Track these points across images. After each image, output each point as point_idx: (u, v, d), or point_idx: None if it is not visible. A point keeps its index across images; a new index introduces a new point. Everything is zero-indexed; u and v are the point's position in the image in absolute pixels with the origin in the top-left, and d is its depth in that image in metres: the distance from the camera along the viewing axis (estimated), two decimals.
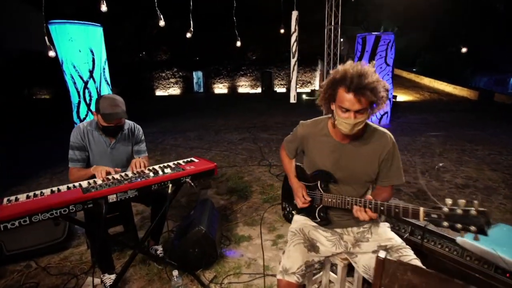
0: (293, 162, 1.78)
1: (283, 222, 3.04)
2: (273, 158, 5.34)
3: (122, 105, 2.00)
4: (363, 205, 1.33)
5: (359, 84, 1.26)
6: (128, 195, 1.61)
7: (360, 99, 1.28)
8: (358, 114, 1.32)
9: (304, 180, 1.67)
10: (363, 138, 1.48)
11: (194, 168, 1.88)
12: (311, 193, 1.61)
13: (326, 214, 1.57)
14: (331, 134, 1.54)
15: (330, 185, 1.56)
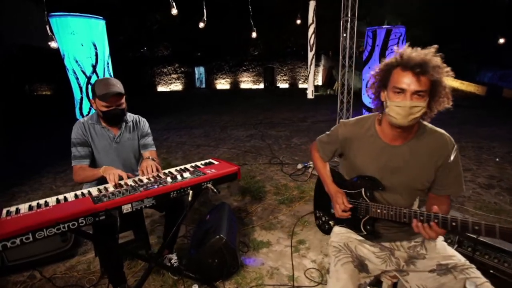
0: (327, 166, 1.57)
1: (303, 226, 2.85)
2: (284, 156, 5.13)
3: (118, 83, 1.86)
4: (426, 219, 1.12)
5: (419, 61, 1.10)
6: (145, 204, 1.41)
7: (419, 78, 1.11)
8: (416, 96, 1.12)
9: (343, 187, 1.46)
10: (418, 139, 1.27)
11: (216, 171, 1.68)
12: (353, 201, 1.41)
13: (373, 226, 1.36)
14: (379, 135, 1.33)
15: (376, 193, 1.36)
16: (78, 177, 1.84)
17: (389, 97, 1.17)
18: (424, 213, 1.12)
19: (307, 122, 8.68)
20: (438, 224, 1.08)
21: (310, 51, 3.65)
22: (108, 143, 1.96)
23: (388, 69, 1.22)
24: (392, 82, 1.17)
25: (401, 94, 1.13)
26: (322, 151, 1.54)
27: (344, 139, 1.42)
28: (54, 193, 3.79)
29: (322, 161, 1.56)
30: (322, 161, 1.56)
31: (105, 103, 1.81)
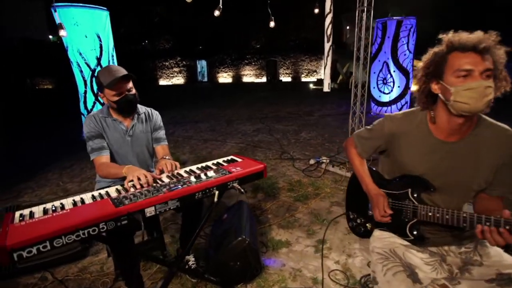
0: (365, 164, 1.44)
1: (321, 225, 2.74)
2: (294, 151, 5.00)
3: (121, 68, 1.74)
4: (494, 224, 0.99)
5: (478, 40, 1.00)
6: (169, 207, 1.29)
7: (483, 56, 1.00)
8: (485, 76, 1.00)
9: (383, 187, 1.34)
10: (476, 135, 1.14)
11: (241, 170, 1.55)
12: (396, 203, 1.28)
13: (420, 230, 1.24)
14: (432, 132, 1.20)
15: (424, 194, 1.23)
16: (101, 172, 1.73)
17: (451, 83, 1.03)
18: (491, 218, 0.99)
19: (314, 116, 8.53)
20: (510, 231, 0.95)
21: (327, 42, 3.48)
22: (121, 137, 1.85)
23: (441, 56, 1.09)
24: (453, 67, 1.04)
25: (468, 77, 1.00)
26: (361, 147, 1.41)
27: (390, 135, 1.28)
28: (61, 189, 3.69)
29: (360, 158, 1.43)
30: (360, 158, 1.43)
31: (114, 91, 1.70)
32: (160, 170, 1.59)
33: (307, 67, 28.46)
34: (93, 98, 5.91)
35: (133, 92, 1.78)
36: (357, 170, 1.42)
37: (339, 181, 3.68)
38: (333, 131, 6.43)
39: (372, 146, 1.37)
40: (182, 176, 1.51)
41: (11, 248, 0.94)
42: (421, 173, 1.22)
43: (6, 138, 6.71)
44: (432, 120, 1.20)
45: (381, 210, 1.23)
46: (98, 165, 1.72)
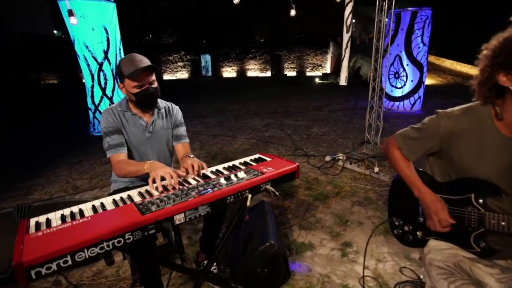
0: (413, 166, 1.28)
1: (345, 226, 2.60)
2: (307, 147, 4.85)
3: (145, 58, 1.60)
4: None
5: None
6: (199, 213, 1.15)
7: None
8: None
9: (438, 192, 1.18)
10: None
11: (274, 170, 1.41)
12: (456, 210, 1.13)
13: (487, 242, 1.09)
14: (499, 128, 1.04)
15: (491, 199, 1.08)
16: (119, 171, 1.57)
17: None
18: None
19: (323, 111, 8.35)
20: None
21: (347, 32, 3.31)
22: (140, 133, 1.71)
23: None
24: None
25: None
26: (407, 148, 1.25)
27: (447, 134, 1.12)
28: (71, 186, 3.58)
29: (406, 160, 1.27)
30: (406, 161, 1.27)
31: (136, 82, 1.55)
32: (186, 169, 1.45)
33: (312, 61, 28.10)
34: (101, 93, 5.79)
35: (155, 85, 1.63)
36: (405, 173, 1.27)
37: (358, 179, 3.53)
38: (345, 127, 6.26)
39: (422, 147, 1.21)
40: (210, 178, 1.37)
41: (29, 265, 0.81)
42: (485, 175, 1.07)
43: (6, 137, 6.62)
44: (499, 116, 1.04)
45: (443, 219, 1.08)
46: (116, 163, 1.57)
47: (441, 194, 1.18)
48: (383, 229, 2.51)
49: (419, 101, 7.86)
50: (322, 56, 27.88)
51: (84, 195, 3.36)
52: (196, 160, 1.49)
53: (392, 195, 1.43)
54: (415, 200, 1.24)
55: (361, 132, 5.68)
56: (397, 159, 1.30)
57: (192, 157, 1.62)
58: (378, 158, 4.08)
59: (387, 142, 1.34)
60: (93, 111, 5.91)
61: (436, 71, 17.69)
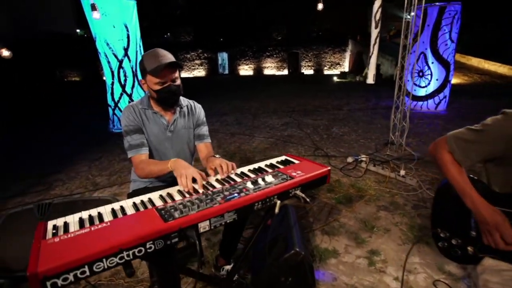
0: (465, 173, 1.14)
1: (371, 232, 2.45)
2: (328, 148, 4.69)
3: (169, 54, 1.52)
4: None
5: None
6: (225, 220, 1.06)
7: None
8: None
9: (495, 204, 1.04)
10: None
11: (303, 174, 1.30)
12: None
13: None
14: None
15: None
16: (141, 172, 1.50)
17: None
18: None
19: (343, 110, 8.12)
20: None
21: (375, 28, 3.14)
22: (161, 132, 1.64)
23: None
24: None
25: None
26: (461, 152, 1.10)
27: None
28: (90, 183, 3.60)
29: (458, 165, 1.13)
30: (458, 166, 1.13)
31: (158, 79, 1.48)
32: (213, 170, 1.37)
33: (330, 59, 27.59)
34: (120, 90, 5.84)
35: (178, 83, 1.56)
36: (455, 180, 1.12)
37: (382, 182, 3.36)
38: (366, 127, 6.04)
39: (481, 152, 1.07)
40: (235, 181, 1.28)
41: (44, 275, 0.75)
42: None
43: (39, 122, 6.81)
44: None
45: (509, 235, 0.94)
46: (137, 164, 1.51)
47: (499, 207, 1.04)
48: (412, 237, 2.36)
49: (445, 101, 7.49)
50: (341, 54, 27.33)
51: (103, 191, 3.36)
52: (225, 161, 1.40)
53: (438, 203, 1.29)
54: (466, 211, 1.10)
55: (383, 133, 5.46)
56: (447, 164, 1.15)
57: (218, 156, 1.53)
58: (403, 160, 3.88)
59: (436, 144, 1.20)
60: (112, 108, 5.97)
61: (462, 70, 16.93)
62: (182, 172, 1.23)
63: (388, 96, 10.55)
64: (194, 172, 1.23)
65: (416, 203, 2.90)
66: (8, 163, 4.51)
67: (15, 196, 3.31)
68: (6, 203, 3.18)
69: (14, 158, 4.78)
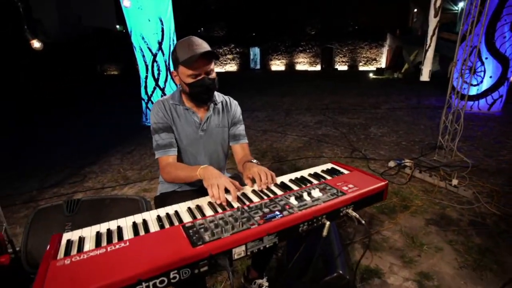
0: None
1: (420, 250, 2.15)
2: (366, 149, 4.35)
3: (205, 43, 1.34)
4: None
5: None
6: (264, 245, 0.87)
7: None
8: None
9: None
10: None
11: (357, 189, 1.08)
12: None
13: None
14: None
15: None
16: (167, 176, 1.36)
17: None
18: None
19: (381, 109, 7.61)
20: None
21: (435, 16, 2.77)
22: (193, 130, 1.48)
23: None
24: None
25: None
26: None
27: None
28: (121, 176, 3.60)
29: None
30: None
31: (191, 71, 1.31)
32: (250, 179, 1.19)
33: (366, 54, 26.42)
34: (154, 84, 5.87)
35: (213, 76, 1.39)
36: None
37: (431, 192, 3.00)
38: (408, 128, 5.57)
39: None
40: (275, 194, 1.09)
41: None
42: None
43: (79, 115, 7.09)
44: None
45: None
46: (164, 166, 1.37)
47: None
48: (472, 261, 2.03)
49: (500, 100, 6.73)
50: (377, 50, 26.05)
51: (133, 186, 3.34)
52: (264, 169, 1.21)
53: None
54: None
55: (428, 135, 5.00)
56: None
57: (256, 162, 1.35)
58: (455, 167, 3.46)
59: None
60: (146, 102, 6.04)
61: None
62: (213, 182, 1.07)
63: (430, 94, 9.78)
64: (227, 182, 1.07)
65: (473, 219, 2.53)
66: (48, 155, 4.68)
67: (51, 187, 3.38)
68: (43, 192, 3.26)
69: (53, 151, 4.96)
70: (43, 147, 5.09)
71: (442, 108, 3.72)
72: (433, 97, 9.20)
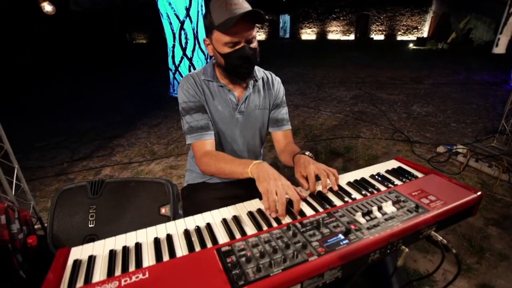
0: None
1: (479, 256, 1.86)
2: (409, 131, 3.93)
3: (246, 3, 1.05)
4: None
5: None
6: (324, 281, 0.65)
7: None
8: None
9: None
10: None
11: (441, 203, 0.81)
12: None
13: None
14: None
15: None
16: (206, 168, 1.13)
17: None
18: None
19: (424, 84, 6.91)
20: None
21: None
22: (229, 112, 1.24)
23: None
24: None
25: None
26: None
27: None
28: (148, 151, 3.52)
29: None
30: None
31: (229, 37, 1.04)
32: (305, 179, 0.96)
33: (407, 22, 24.17)
34: (181, 53, 5.63)
35: (255, 45, 1.11)
36: None
37: (489, 185, 2.62)
38: (457, 107, 4.98)
39: None
40: (333, 205, 0.84)
41: None
42: None
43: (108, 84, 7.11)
44: None
45: None
46: (201, 156, 1.14)
47: None
48: None
49: None
50: (420, 17, 23.70)
51: (160, 162, 3.24)
52: (323, 166, 0.97)
53: None
54: None
55: (482, 116, 4.44)
56: None
57: (309, 154, 1.08)
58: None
59: None
60: (173, 72, 5.85)
61: None
62: (271, 187, 0.83)
63: (481, 68, 8.75)
64: (289, 188, 0.83)
65: None
66: (77, 125, 4.71)
67: (81, 160, 3.38)
68: (73, 165, 3.25)
69: (82, 121, 4.99)
70: (72, 117, 5.13)
71: (496, 85, 3.19)
72: (485, 71, 8.21)
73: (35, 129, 4.55)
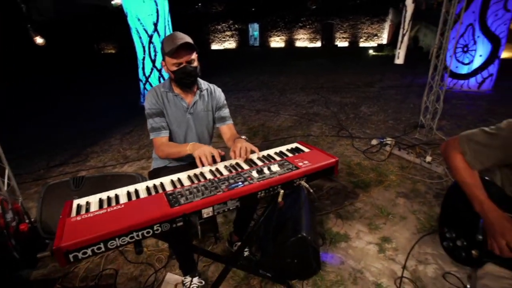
0: (477, 176, 1.10)
1: (386, 219, 2.44)
2: (353, 128, 4.58)
3: (186, 37, 1.57)
4: None
5: None
6: (228, 207, 1.13)
7: None
8: None
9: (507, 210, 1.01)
10: None
11: (310, 164, 1.33)
12: None
13: None
14: None
15: None
16: (161, 153, 1.66)
17: None
18: None
19: (375, 88, 7.74)
20: None
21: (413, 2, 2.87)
22: (181, 114, 1.74)
23: None
24: None
25: None
26: (472, 155, 1.06)
27: None
28: (121, 156, 3.87)
29: (469, 168, 1.09)
30: (468, 169, 1.09)
31: (174, 60, 1.56)
32: (235, 152, 1.45)
33: (367, 30, 25.84)
34: (151, 65, 6.00)
35: (195, 64, 1.62)
36: (465, 183, 1.09)
37: (406, 167, 3.26)
38: (397, 107, 5.75)
39: (493, 156, 1.03)
40: (242, 169, 1.34)
41: (67, 249, 0.88)
42: None
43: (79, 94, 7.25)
44: None
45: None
46: (158, 146, 1.67)
47: (509, 213, 1.00)
48: (429, 227, 2.32)
49: (490, 79, 6.85)
50: (379, 25, 25.45)
51: (132, 165, 3.61)
52: (246, 144, 1.47)
53: (447, 202, 1.27)
54: (474, 214, 1.08)
55: (414, 114, 5.19)
56: (457, 165, 1.12)
57: (245, 138, 1.62)
58: (432, 145, 3.71)
59: (448, 144, 1.16)
60: (143, 83, 6.20)
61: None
62: (199, 152, 1.38)
63: (425, 72, 9.78)
64: (212, 149, 1.39)
65: (439, 192, 2.81)
66: (51, 136, 4.94)
67: (57, 166, 3.67)
68: (50, 171, 3.54)
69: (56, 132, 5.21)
70: (45, 129, 5.33)
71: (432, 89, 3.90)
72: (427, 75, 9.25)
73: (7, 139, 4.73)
